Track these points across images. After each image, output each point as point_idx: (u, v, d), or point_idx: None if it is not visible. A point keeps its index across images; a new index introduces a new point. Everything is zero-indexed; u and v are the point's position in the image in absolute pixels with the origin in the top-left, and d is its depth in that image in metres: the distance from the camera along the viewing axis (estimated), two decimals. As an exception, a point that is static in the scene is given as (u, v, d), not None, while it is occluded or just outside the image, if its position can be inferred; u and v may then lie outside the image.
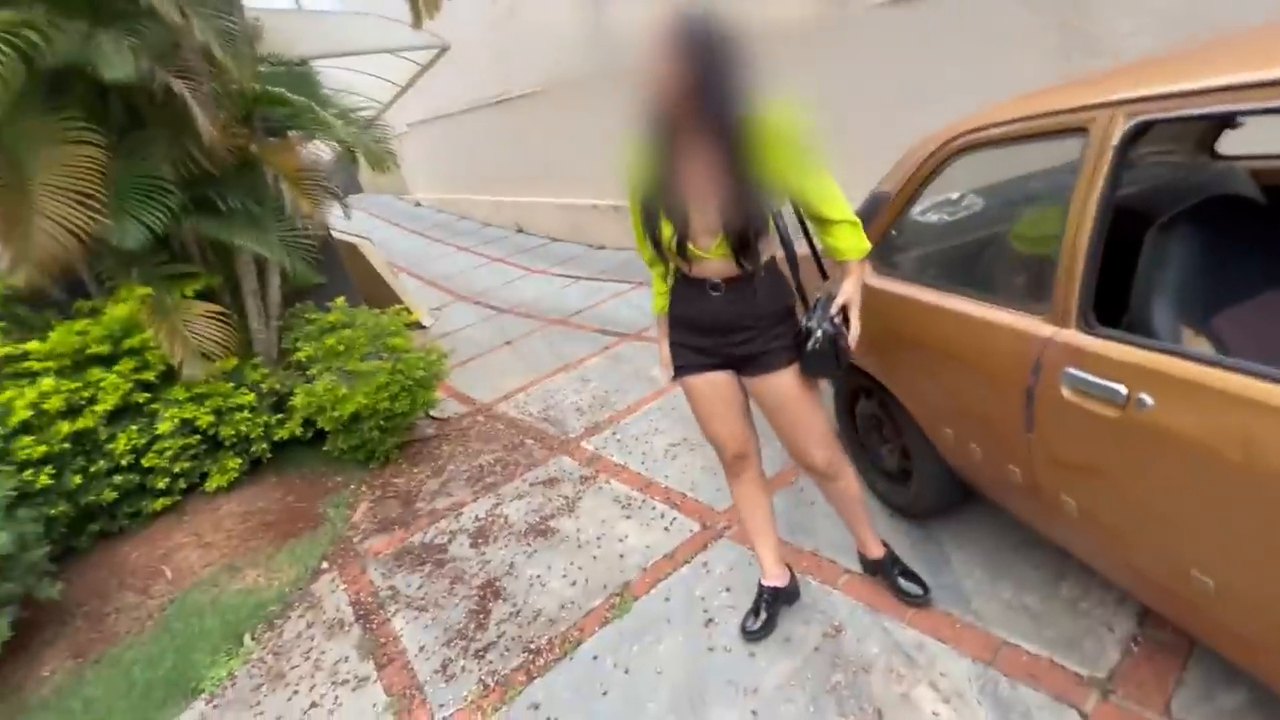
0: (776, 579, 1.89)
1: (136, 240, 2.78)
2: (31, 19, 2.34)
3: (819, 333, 1.47)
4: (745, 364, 1.58)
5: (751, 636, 1.84)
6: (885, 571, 1.88)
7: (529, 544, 2.67)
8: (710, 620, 1.99)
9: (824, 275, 1.70)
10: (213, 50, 2.67)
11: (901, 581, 1.85)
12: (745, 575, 2.13)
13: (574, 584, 2.35)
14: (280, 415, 3.61)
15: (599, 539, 2.58)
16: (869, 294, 1.59)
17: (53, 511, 2.75)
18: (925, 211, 1.99)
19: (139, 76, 2.57)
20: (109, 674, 2.41)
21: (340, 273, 4.59)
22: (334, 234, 4.94)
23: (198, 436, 3.25)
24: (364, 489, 3.58)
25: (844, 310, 1.49)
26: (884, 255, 1.88)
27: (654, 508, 2.69)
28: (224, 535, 3.16)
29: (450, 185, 14.33)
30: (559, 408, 4.04)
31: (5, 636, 2.22)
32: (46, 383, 2.76)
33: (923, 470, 1.93)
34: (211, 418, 3.20)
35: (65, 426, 2.80)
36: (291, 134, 4.24)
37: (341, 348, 3.54)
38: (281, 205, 3.35)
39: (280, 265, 3.66)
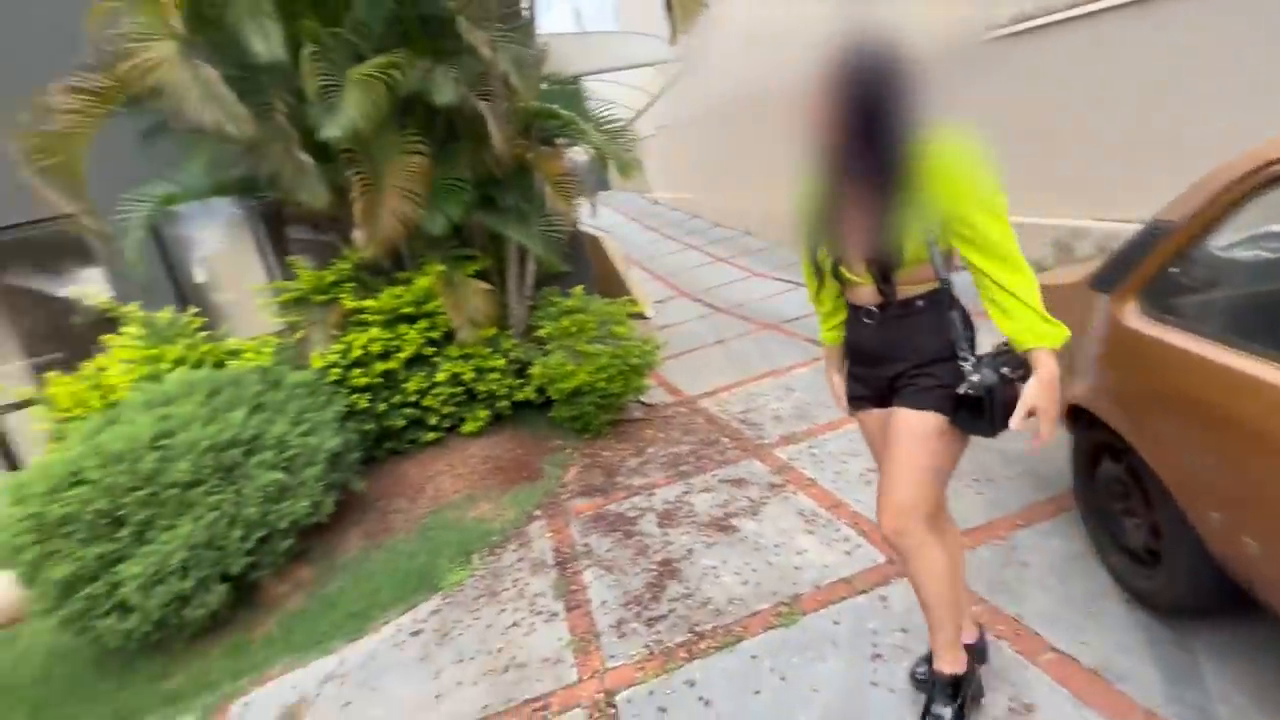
0: (970, 636, 1.71)
1: (441, 228, 3.55)
2: (395, 60, 3.12)
3: (976, 378, 1.30)
4: (893, 397, 1.46)
5: (921, 685, 1.72)
6: (929, 694, 1.57)
7: (709, 536, 2.80)
8: (878, 655, 1.90)
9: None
10: (510, 76, 3.26)
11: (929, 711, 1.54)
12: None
13: (745, 583, 2.41)
14: (520, 380, 4.26)
15: (776, 546, 2.60)
16: (1127, 338, 1.36)
17: (365, 428, 3.66)
18: (1230, 248, 1.61)
19: (458, 100, 3.25)
20: (385, 556, 3.16)
21: (583, 262, 5.20)
22: (581, 228, 5.62)
23: (461, 388, 4.01)
24: (576, 454, 4.06)
25: (1025, 367, 1.29)
26: (1158, 295, 1.58)
27: (838, 529, 2.62)
28: (469, 470, 3.86)
29: (687, 185, 15.05)
30: (759, 411, 4.09)
31: (330, 511, 3.06)
32: (373, 331, 3.68)
33: (1176, 556, 1.59)
34: (473, 374, 3.94)
35: (380, 366, 3.71)
36: (558, 141, 4.93)
37: (574, 329, 4.05)
38: (543, 203, 3.94)
39: (537, 254, 4.31)
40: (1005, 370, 1.31)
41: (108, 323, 5.09)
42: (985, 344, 1.42)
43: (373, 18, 3.28)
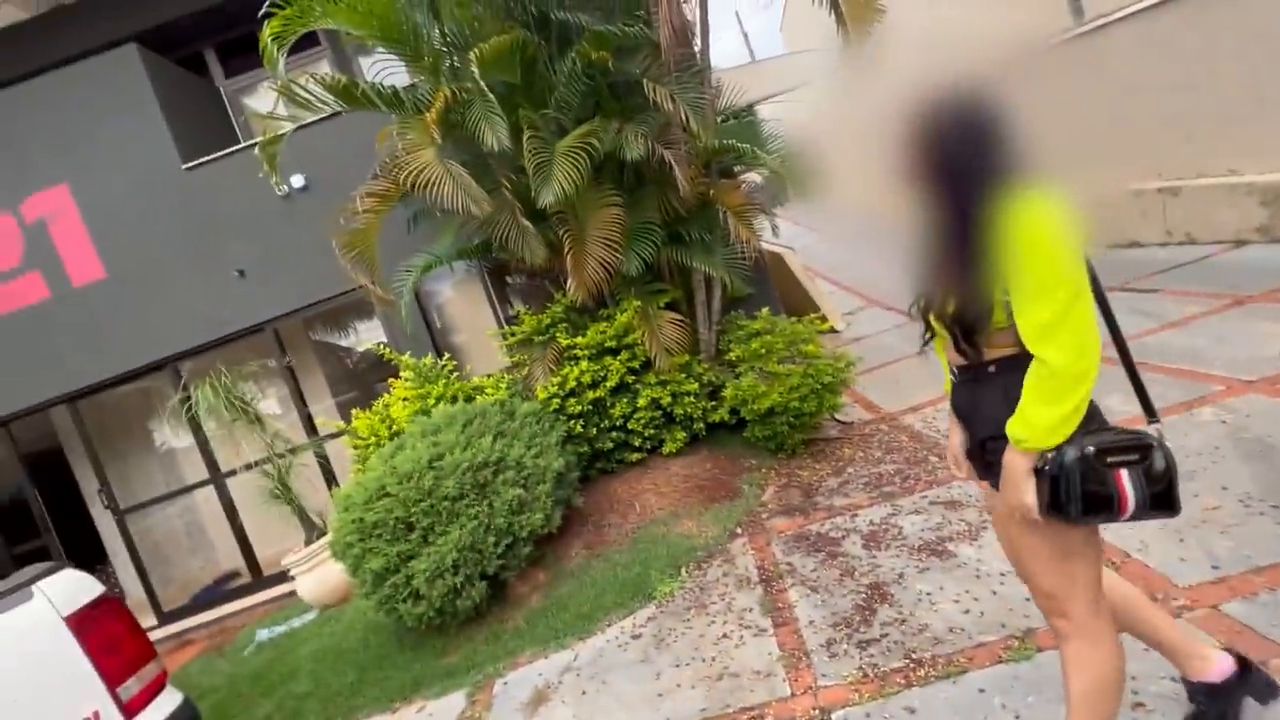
0: (1206, 672, 1.43)
1: (637, 268, 3.92)
2: (593, 128, 3.57)
3: (1052, 454, 1.17)
4: (984, 470, 1.36)
5: None
6: None
7: (921, 560, 2.68)
8: (1140, 704, 1.68)
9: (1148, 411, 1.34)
10: (690, 123, 3.52)
11: None
12: (1207, 671, 1.70)
13: (966, 612, 2.27)
14: (714, 403, 4.46)
15: (1003, 576, 2.40)
16: None
17: (580, 450, 4.14)
18: None
19: (645, 153, 3.60)
20: (603, 566, 3.53)
21: (766, 284, 5.28)
22: (763, 247, 5.71)
23: (660, 411, 4.32)
24: (772, 474, 4.12)
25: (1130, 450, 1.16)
26: None
27: (1080, 558, 2.33)
28: (672, 489, 4.14)
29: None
30: (970, 427, 3.76)
31: (558, 523, 3.52)
32: (583, 364, 4.16)
33: None
34: (669, 398, 4.23)
35: (590, 394, 4.17)
36: (736, 170, 5.11)
37: (763, 351, 4.14)
38: (727, 233, 4.13)
39: (722, 280, 4.51)
40: (1089, 451, 1.17)
41: (385, 368, 6.43)
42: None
43: (572, 93, 3.80)
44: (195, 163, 5.63)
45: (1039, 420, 1.16)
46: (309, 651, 3.90)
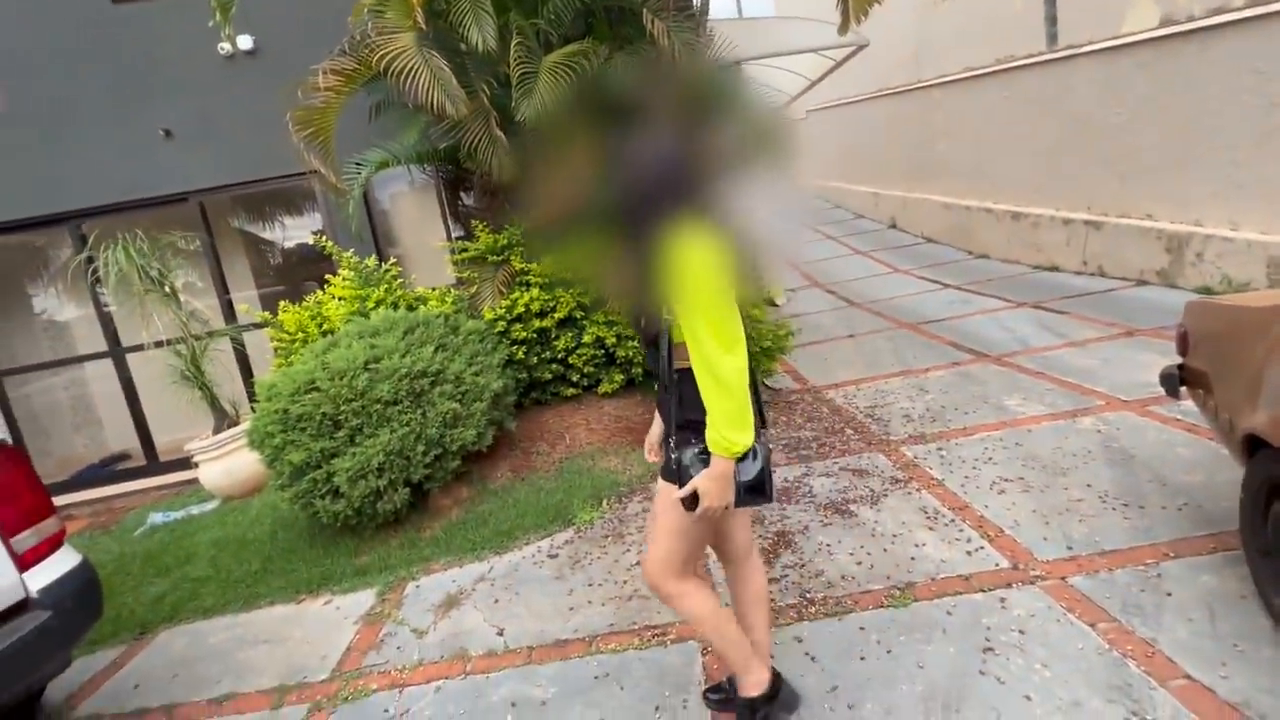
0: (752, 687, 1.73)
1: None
2: (583, 49, 3.45)
3: (674, 455, 1.44)
4: (665, 460, 1.55)
5: (713, 704, 1.91)
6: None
7: (826, 517, 2.92)
8: (990, 649, 1.96)
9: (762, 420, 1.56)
10: (680, 63, 3.47)
11: None
12: (1047, 629, 1.99)
13: (859, 564, 2.52)
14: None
15: (894, 537, 2.67)
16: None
17: (519, 377, 4.15)
18: None
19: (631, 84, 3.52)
20: (527, 489, 3.61)
21: (723, 245, 5.37)
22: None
23: (602, 351, 4.38)
24: (700, 426, 4.29)
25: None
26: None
27: (961, 530, 2.63)
28: (602, 427, 4.24)
29: (828, 173, 14.54)
30: (887, 409, 4.07)
31: (489, 443, 3.55)
32: (534, 291, 4.13)
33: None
34: (614, 339, 4.28)
35: (536, 323, 4.15)
36: (714, 125, 5.09)
37: (712, 308, 4.25)
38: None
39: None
40: (706, 455, 1.37)
41: (314, 265, 6.08)
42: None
43: (565, 8, 3.63)
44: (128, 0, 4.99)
45: (719, 434, 1.31)
46: (209, 538, 3.80)
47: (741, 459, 1.37)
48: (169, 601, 3.19)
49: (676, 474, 1.42)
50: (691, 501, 1.40)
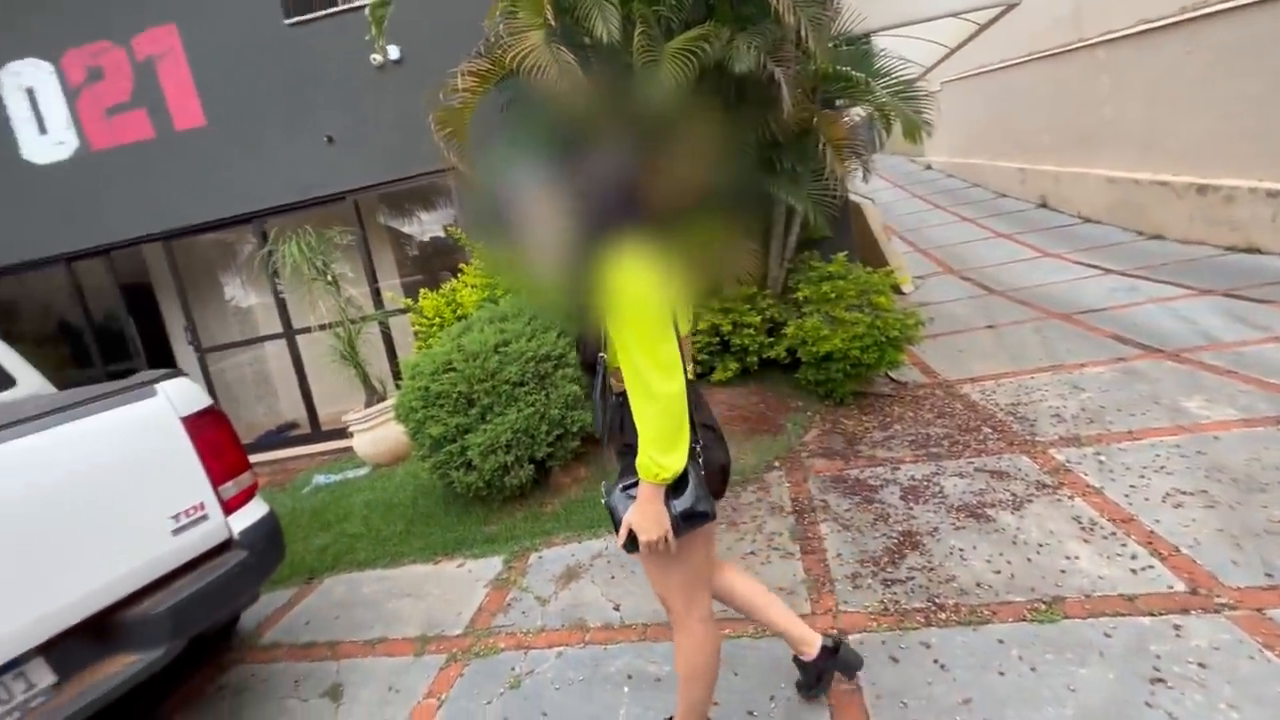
0: (809, 653, 1.78)
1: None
2: (705, 32, 3.41)
3: (604, 500, 1.44)
4: None
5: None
6: None
7: (958, 519, 2.72)
8: (1160, 680, 1.73)
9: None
10: (808, 40, 3.33)
11: None
12: (1236, 665, 1.73)
13: (997, 572, 2.33)
14: (771, 339, 4.45)
15: (1040, 547, 2.43)
16: None
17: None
18: None
19: (754, 67, 3.44)
20: (642, 473, 3.69)
21: (845, 229, 5.11)
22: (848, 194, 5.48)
23: (717, 338, 4.35)
24: (817, 418, 4.15)
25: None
26: None
27: (1124, 545, 2.34)
28: (717, 414, 4.21)
29: (967, 149, 13.32)
30: (1032, 407, 3.69)
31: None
32: (651, 279, 4.18)
33: None
34: (730, 327, 4.24)
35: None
36: (838, 103, 4.84)
37: (833, 295, 4.08)
38: (820, 168, 3.97)
39: (803, 218, 4.38)
40: (632, 490, 1.36)
41: (448, 255, 6.57)
42: None
43: (687, -8, 3.61)
44: (297, 19, 5.64)
45: (648, 457, 1.28)
46: (362, 500, 4.27)
47: (676, 487, 1.34)
48: (331, 552, 3.63)
49: (613, 519, 1.42)
50: (632, 542, 1.38)
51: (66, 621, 1.80)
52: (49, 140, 6.03)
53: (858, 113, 5.13)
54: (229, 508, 2.19)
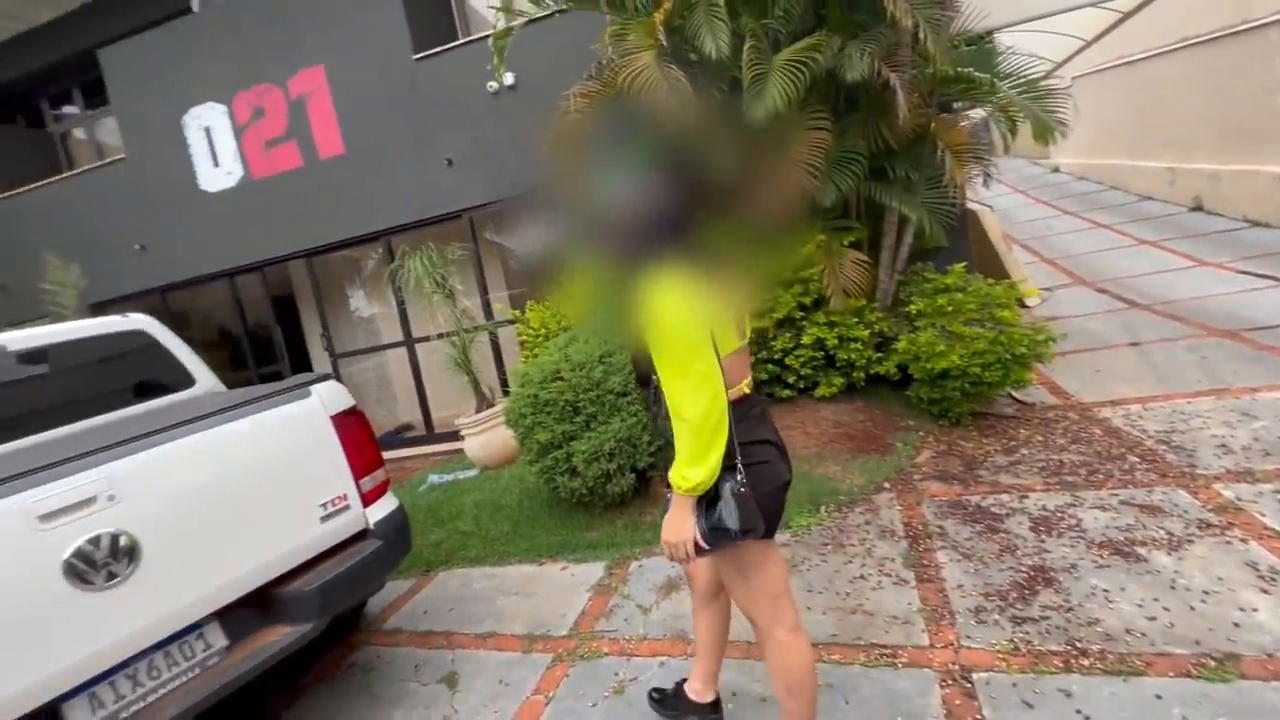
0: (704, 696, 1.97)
1: (831, 199, 3.75)
2: (815, 42, 3.36)
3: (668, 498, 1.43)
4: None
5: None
6: None
7: (1101, 557, 2.46)
8: None
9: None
10: (926, 43, 3.19)
11: None
12: None
13: (1152, 619, 2.08)
14: (880, 354, 4.26)
15: (1206, 594, 2.14)
16: None
17: (735, 375, 4.20)
18: None
19: (868, 74, 3.34)
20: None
21: (962, 239, 4.81)
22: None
23: (821, 353, 4.23)
24: (930, 438, 3.92)
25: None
26: None
27: (1317, 599, 2.01)
28: (819, 431, 4.09)
29: (1103, 148, 12.12)
30: (1191, 436, 3.28)
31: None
32: (753, 292, 4.14)
33: None
34: (835, 341, 4.11)
35: (755, 323, 4.16)
36: (955, 106, 4.58)
37: (950, 308, 3.84)
38: (937, 174, 3.77)
39: (916, 226, 4.17)
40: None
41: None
42: None
43: (795, 4, 3.57)
44: (424, 54, 6.15)
45: (678, 471, 1.34)
46: (472, 500, 4.52)
47: (712, 501, 1.37)
48: (445, 548, 3.87)
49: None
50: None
51: (237, 593, 2.04)
52: (220, 171, 6.95)
53: (977, 115, 4.84)
54: (367, 500, 2.40)
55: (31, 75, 8.49)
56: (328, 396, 2.36)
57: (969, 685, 1.96)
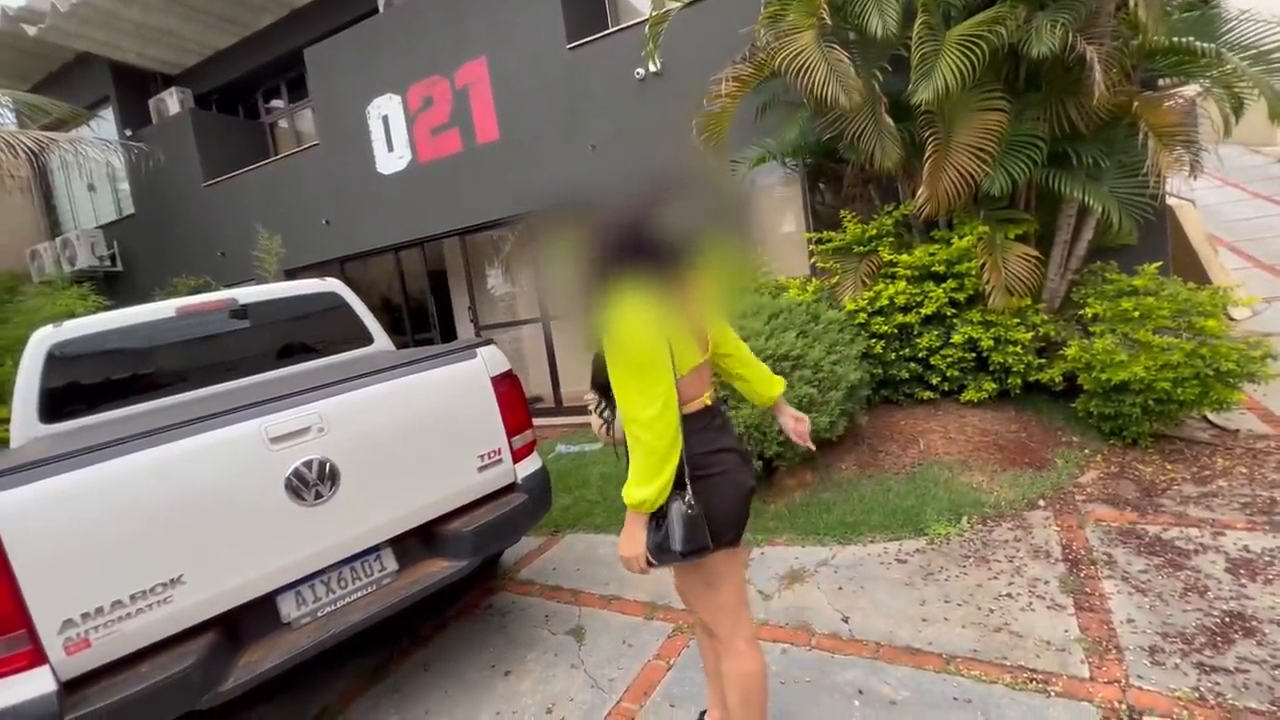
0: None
1: (1001, 188, 3.43)
2: (998, 14, 3.08)
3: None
4: None
5: None
6: None
7: (1323, 612, 2.08)
8: None
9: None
10: (1138, 10, 2.80)
11: None
12: None
13: (1394, 693, 1.74)
14: (1042, 360, 3.86)
15: None
16: None
17: (873, 371, 4.01)
18: None
19: (1060, 48, 3.00)
20: (873, 486, 3.50)
21: (1158, 237, 4.20)
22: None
23: (973, 354, 3.91)
24: (1099, 458, 3.51)
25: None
26: None
27: None
28: (964, 438, 3.81)
29: (1357, 134, 9.94)
30: None
31: (839, 433, 3.55)
32: (900, 285, 3.92)
33: None
34: (991, 343, 3.78)
35: (899, 318, 3.95)
36: (1160, 83, 3.99)
37: (1135, 313, 3.40)
38: (1137, 161, 3.33)
39: (1101, 220, 3.71)
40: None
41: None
42: None
43: (975, -28, 3.29)
44: (577, 43, 6.41)
45: (632, 484, 1.36)
46: (598, 472, 4.73)
47: (660, 519, 1.39)
48: (572, 513, 4.10)
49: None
50: (657, 555, 1.43)
51: (407, 525, 2.32)
52: (394, 156, 7.74)
53: (1190, 92, 4.18)
54: (516, 456, 2.60)
55: (252, 73, 9.94)
56: (489, 359, 2.58)
57: (1140, 728, 1.77)
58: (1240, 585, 2.29)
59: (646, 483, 1.33)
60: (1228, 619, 2.13)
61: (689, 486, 1.40)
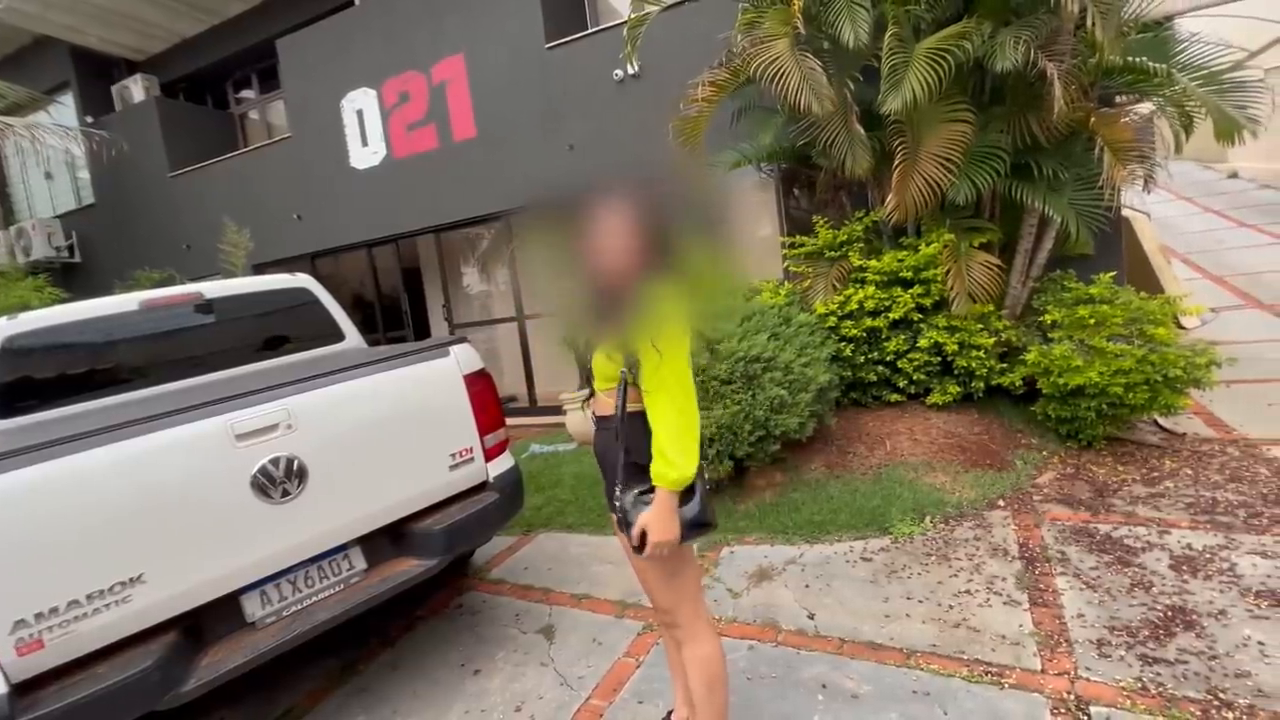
0: None
1: (966, 197, 3.54)
2: (964, 29, 3.18)
3: (617, 503, 1.49)
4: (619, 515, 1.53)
5: None
6: None
7: (1258, 607, 2.21)
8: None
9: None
10: (1094, 29, 2.93)
11: None
12: None
13: (1317, 681, 1.85)
14: (1004, 365, 3.99)
15: (1391, 664, 1.88)
16: None
17: (842, 374, 4.10)
18: None
19: (1022, 63, 3.12)
20: (841, 487, 3.58)
21: (1112, 248, 4.38)
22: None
23: (939, 358, 4.03)
24: (1055, 459, 3.64)
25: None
26: None
27: None
28: (929, 440, 3.92)
29: (1301, 153, 10.46)
30: (1387, 485, 2.83)
31: (808, 434, 3.62)
32: (870, 289, 4.01)
33: None
34: (955, 347, 3.89)
35: (868, 322, 4.04)
36: (1118, 100, 4.16)
37: (1091, 321, 3.54)
38: (1093, 174, 3.46)
39: (1060, 231, 3.85)
40: (646, 496, 1.43)
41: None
42: None
43: (945, -12, 3.39)
44: (555, 43, 6.41)
45: (664, 463, 1.36)
46: (570, 472, 4.74)
47: (684, 497, 1.42)
48: (544, 512, 4.10)
49: (625, 522, 1.47)
50: (642, 544, 1.43)
51: (377, 523, 2.30)
52: (368, 151, 7.63)
53: (1140, 111, 4.36)
54: (488, 455, 2.60)
55: (221, 62, 9.70)
56: (462, 357, 2.58)
57: (1085, 717, 1.85)
58: (1183, 581, 2.41)
59: (691, 452, 1.37)
60: (1170, 613, 2.24)
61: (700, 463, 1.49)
